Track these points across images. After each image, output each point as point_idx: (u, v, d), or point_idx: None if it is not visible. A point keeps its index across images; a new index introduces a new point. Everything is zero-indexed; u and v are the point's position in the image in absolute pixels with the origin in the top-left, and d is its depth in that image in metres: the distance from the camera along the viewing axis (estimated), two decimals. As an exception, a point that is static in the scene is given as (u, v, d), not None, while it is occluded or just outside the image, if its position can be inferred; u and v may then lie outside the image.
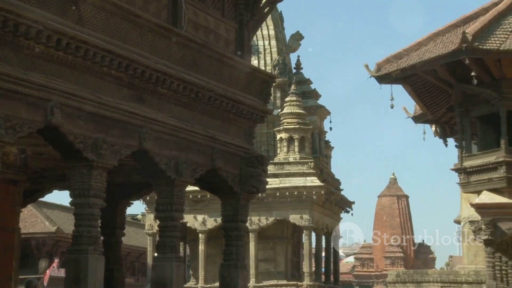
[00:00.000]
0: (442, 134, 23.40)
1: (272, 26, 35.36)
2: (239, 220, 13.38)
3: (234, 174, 13.08)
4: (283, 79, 34.06)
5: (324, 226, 32.70)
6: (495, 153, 18.03)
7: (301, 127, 31.95)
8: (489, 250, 18.25)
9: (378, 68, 19.22)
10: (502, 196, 18.05)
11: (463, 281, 28.43)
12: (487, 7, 18.95)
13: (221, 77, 12.61)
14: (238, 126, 13.24)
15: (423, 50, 18.66)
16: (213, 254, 30.69)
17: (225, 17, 13.35)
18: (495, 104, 18.05)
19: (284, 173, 31.38)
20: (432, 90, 20.25)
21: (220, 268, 13.45)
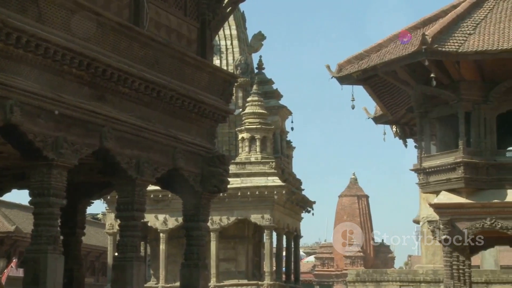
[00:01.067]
0: (402, 134, 23.63)
1: (234, 26, 35.39)
2: (200, 219, 13.38)
3: (195, 174, 13.08)
4: (245, 79, 34.10)
5: (285, 226, 32.81)
6: (453, 154, 18.25)
7: (263, 127, 32.03)
8: (447, 250, 18.47)
9: (339, 69, 19.34)
10: (460, 197, 18.27)
11: (421, 280, 28.80)
12: (446, 9, 19.18)
13: (183, 76, 12.60)
14: (200, 125, 13.24)
15: (384, 51, 18.83)
16: (174, 254, 30.61)
17: (187, 16, 13.34)
18: (454, 105, 18.28)
19: (245, 172, 31.43)
20: (392, 91, 20.44)
21: (181, 267, 13.44)
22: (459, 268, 18.57)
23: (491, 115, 18.27)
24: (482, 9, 18.60)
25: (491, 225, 17.93)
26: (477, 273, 27.53)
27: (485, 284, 27.88)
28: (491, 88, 18.21)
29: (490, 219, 17.92)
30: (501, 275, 28.51)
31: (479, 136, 18.20)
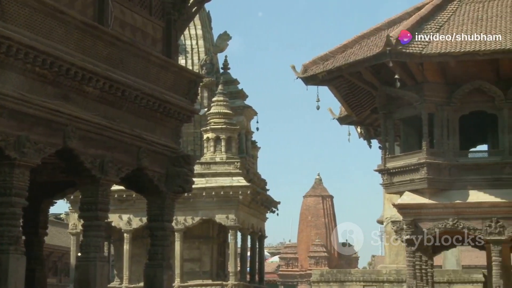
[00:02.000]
0: (366, 135, 23.77)
1: (199, 26, 35.33)
2: (165, 219, 13.34)
3: (160, 174, 13.03)
4: (211, 79, 34.06)
5: (249, 226, 32.84)
6: (417, 155, 18.40)
7: (228, 127, 32.02)
8: (410, 250, 18.62)
9: (305, 70, 19.39)
10: (423, 197, 18.43)
11: (384, 280, 28.99)
12: (410, 11, 19.33)
13: (148, 76, 12.55)
14: (165, 125, 13.20)
15: (349, 52, 18.92)
16: (138, 254, 30.46)
17: (152, 15, 13.29)
18: (417, 106, 18.43)
19: (210, 172, 31.39)
20: (357, 92, 20.55)
21: (145, 267, 13.38)
22: (422, 268, 18.73)
23: (454, 116, 18.46)
24: (445, 12, 18.79)
25: (453, 226, 18.11)
26: (439, 273, 27.79)
27: (447, 283, 28.15)
28: (454, 90, 18.40)
29: (453, 219, 18.11)
30: (462, 275, 28.81)
31: (442, 137, 18.38)
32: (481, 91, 18.31)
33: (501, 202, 17.86)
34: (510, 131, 18.10)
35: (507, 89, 18.05)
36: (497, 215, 17.86)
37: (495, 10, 18.56)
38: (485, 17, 18.34)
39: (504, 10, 18.50)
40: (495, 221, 17.81)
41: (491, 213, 17.94)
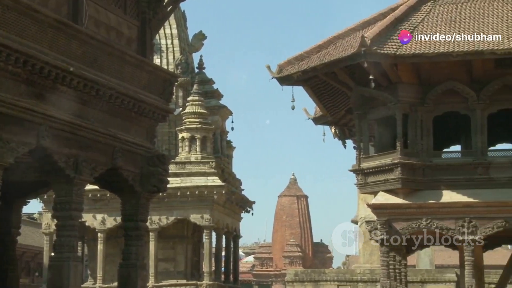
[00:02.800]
0: (341, 135, 23.82)
1: (175, 25, 35.26)
2: (139, 219, 13.31)
3: (135, 173, 12.99)
4: (186, 78, 34.02)
5: (224, 226, 32.85)
6: (391, 155, 18.47)
7: (203, 126, 32.01)
8: (383, 250, 18.69)
9: (280, 70, 19.39)
10: (397, 197, 18.50)
11: (358, 280, 29.14)
12: (385, 12, 19.39)
13: (122, 75, 12.50)
14: (140, 125, 13.16)
15: (324, 52, 18.95)
16: (112, 254, 30.34)
17: (127, 15, 13.24)
18: (392, 107, 18.50)
19: (185, 172, 31.36)
20: (332, 92, 20.59)
21: (119, 267, 13.34)
22: (396, 267, 18.81)
23: (427, 117, 18.56)
24: (419, 13, 18.88)
25: (427, 225, 18.21)
26: (413, 272, 27.98)
27: (421, 283, 28.36)
28: (428, 91, 18.49)
29: (426, 219, 18.20)
30: (435, 274, 29.04)
31: (416, 138, 18.47)
32: (454, 92, 18.43)
33: (474, 202, 17.99)
34: (482, 132, 18.24)
35: (479, 90, 18.18)
36: (470, 215, 17.99)
37: (468, 12, 18.69)
38: (458, 18, 18.46)
39: (477, 12, 18.63)
40: (468, 221, 17.94)
41: (464, 213, 18.06)
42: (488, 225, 17.89)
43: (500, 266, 28.15)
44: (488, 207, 17.95)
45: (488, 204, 17.92)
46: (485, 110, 18.32)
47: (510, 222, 17.82)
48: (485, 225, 17.91)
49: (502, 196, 17.88)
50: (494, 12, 18.43)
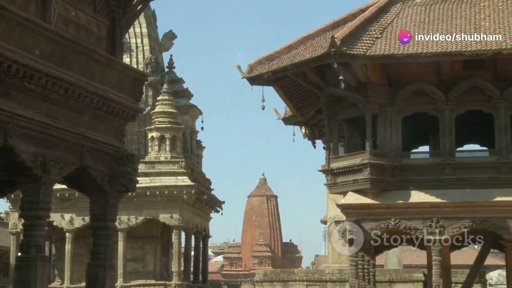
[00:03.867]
0: (311, 136, 23.88)
1: (145, 24, 35.11)
2: (108, 219, 13.23)
3: (103, 173, 12.92)
4: (156, 78, 33.91)
5: (194, 226, 32.79)
6: (360, 155, 18.56)
7: (173, 126, 31.94)
8: (352, 250, 18.79)
9: (250, 70, 19.40)
10: (366, 197, 18.60)
11: (327, 280, 29.22)
12: (355, 13, 19.47)
13: (92, 74, 12.42)
14: (109, 124, 13.08)
15: (294, 53, 18.98)
16: (80, 254, 30.15)
17: (97, 13, 13.15)
18: (361, 107, 18.59)
19: (155, 172, 31.26)
20: (302, 92, 20.63)
21: (87, 267, 13.24)
22: (364, 267, 18.91)
23: (396, 117, 18.68)
24: (389, 14, 18.99)
25: (395, 225, 18.33)
26: (381, 272, 28.13)
27: (389, 283, 28.51)
28: (397, 91, 18.61)
29: (394, 219, 18.32)
30: (403, 274, 29.22)
31: (385, 138, 18.58)
32: (423, 93, 18.57)
33: (442, 203, 18.14)
34: (450, 132, 18.40)
35: (448, 91, 18.34)
36: (438, 215, 18.14)
37: (437, 14, 18.84)
38: (427, 20, 18.60)
39: (446, 13, 18.79)
40: (436, 221, 18.09)
41: (431, 213, 18.21)
42: (455, 225, 18.05)
43: (467, 266, 28.43)
44: (456, 208, 18.12)
45: (455, 204, 18.09)
46: (453, 111, 18.49)
47: (476, 222, 18.00)
48: (453, 225, 18.07)
49: (469, 197, 18.06)
50: (462, 14, 18.60)
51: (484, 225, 18.00)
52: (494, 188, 18.05)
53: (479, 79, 18.27)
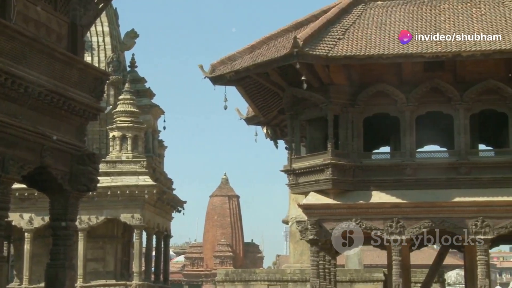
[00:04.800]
0: (273, 136, 23.92)
1: (106, 23, 34.87)
2: (68, 219, 13.11)
3: (64, 172, 12.80)
4: (117, 77, 33.71)
5: (155, 226, 32.67)
6: (322, 156, 18.63)
7: (135, 125, 31.79)
8: (314, 250, 18.85)
9: (212, 69, 19.36)
10: (328, 197, 18.67)
11: (289, 280, 29.29)
12: (317, 14, 19.54)
13: (52, 72, 12.29)
14: (70, 123, 12.96)
15: (256, 53, 18.99)
16: (39, 254, 29.84)
17: (57, 11, 13.01)
18: (323, 108, 18.66)
19: (116, 171, 31.08)
20: (264, 92, 20.66)
21: (46, 268, 13.10)
22: (325, 267, 19.00)
23: (358, 118, 18.79)
24: (351, 15, 19.10)
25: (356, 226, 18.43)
26: (342, 272, 28.27)
27: (349, 282, 28.67)
28: (359, 92, 18.72)
29: (356, 219, 18.43)
30: (364, 274, 29.40)
31: (347, 139, 18.67)
32: (384, 94, 18.71)
33: (402, 203, 18.29)
34: (411, 133, 18.56)
35: (409, 93, 18.50)
36: (398, 215, 18.28)
37: (398, 15, 19.00)
38: (388, 21, 18.75)
39: (407, 15, 18.95)
40: (396, 221, 18.23)
41: (392, 213, 18.35)
42: (415, 225, 18.21)
43: (426, 265, 28.72)
44: (416, 208, 18.28)
45: (415, 204, 18.26)
46: (414, 112, 18.66)
47: (436, 223, 18.19)
48: (413, 225, 18.23)
49: (429, 197, 18.25)
50: (423, 16, 18.79)
51: (443, 225, 18.19)
52: (453, 189, 18.26)
53: (439, 81, 18.46)
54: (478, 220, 17.94)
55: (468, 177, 18.27)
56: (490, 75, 18.30)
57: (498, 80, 18.25)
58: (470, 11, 18.68)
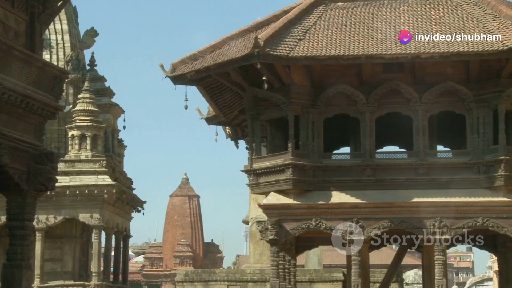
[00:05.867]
0: (233, 136, 23.90)
1: (65, 21, 34.53)
2: (25, 218, 12.95)
3: (21, 171, 12.64)
4: (76, 75, 33.39)
5: (114, 225, 32.45)
6: (282, 156, 18.66)
7: (94, 125, 31.53)
8: (274, 250, 18.87)
9: (173, 69, 19.28)
10: (288, 198, 18.71)
11: (248, 280, 29.29)
12: (278, 14, 19.59)
13: (10, 70, 12.13)
14: (28, 121, 12.81)
15: (217, 53, 18.96)
16: (-4, 254, 29.41)
17: (15, 8, 12.84)
18: (284, 108, 18.70)
19: (75, 171, 30.81)
20: (225, 92, 20.63)
21: (2, 268, 12.93)
22: (285, 267, 19.03)
23: (318, 119, 18.86)
24: (312, 16, 19.16)
25: (316, 226, 18.50)
26: (302, 272, 28.35)
27: (309, 282, 28.77)
28: (319, 93, 18.79)
29: (315, 219, 18.49)
30: (323, 274, 29.53)
31: (307, 139, 18.73)
32: (344, 94, 18.81)
33: (361, 203, 18.40)
34: (371, 134, 18.68)
35: (369, 94, 18.62)
36: (357, 216, 18.39)
37: (359, 17, 19.11)
38: (349, 22, 18.85)
39: (367, 16, 19.07)
40: (355, 222, 18.34)
41: (351, 214, 18.45)
42: (374, 225, 18.34)
43: (385, 265, 28.95)
44: (375, 208, 18.42)
45: (374, 205, 18.39)
46: (373, 113, 18.78)
47: (395, 223, 18.33)
48: (372, 225, 18.35)
49: (388, 197, 18.39)
50: (383, 18, 18.92)
51: (402, 225, 18.35)
52: (412, 189, 18.43)
53: (398, 82, 18.61)
54: (436, 221, 18.13)
55: (427, 178, 18.45)
56: (449, 77, 18.51)
57: (457, 82, 18.47)
58: (429, 13, 18.87)
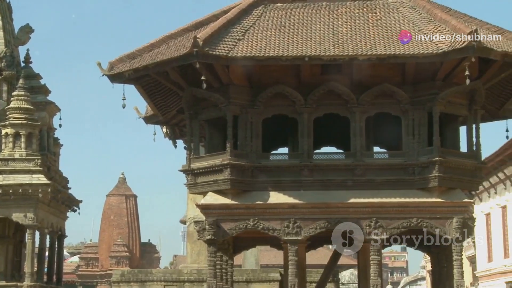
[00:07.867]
0: (172, 135, 23.76)
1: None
2: (-43, 218, 12.65)
3: (-48, 170, 12.34)
4: (11, 72, 32.89)
5: (49, 225, 32.04)
6: (221, 156, 18.63)
7: (29, 123, 31.09)
8: (211, 250, 18.81)
9: (111, 67, 19.04)
10: (226, 198, 18.69)
11: (185, 280, 29.26)
12: (217, 14, 19.53)
13: None
14: (-41, 119, 12.51)
15: (156, 51, 18.82)
16: None
17: None
18: (223, 108, 18.68)
19: (8, 169, 30.35)
20: (164, 92, 20.50)
21: None
22: (222, 267, 19.03)
23: (257, 119, 18.88)
24: (251, 16, 19.17)
25: (254, 226, 18.51)
26: (239, 272, 28.43)
27: (246, 282, 28.89)
28: (258, 93, 18.81)
29: (253, 220, 18.50)
30: (260, 274, 29.67)
31: (246, 139, 18.73)
32: (283, 95, 18.86)
33: (299, 204, 18.49)
34: (309, 135, 18.78)
35: (307, 94, 18.72)
36: (295, 216, 18.47)
37: (297, 18, 19.19)
38: (287, 23, 18.91)
39: (305, 18, 19.17)
40: (293, 222, 18.40)
41: (289, 214, 18.52)
42: (311, 226, 18.44)
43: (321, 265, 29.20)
44: (312, 208, 18.52)
45: (311, 205, 18.50)
46: (311, 113, 18.89)
47: (332, 223, 18.47)
48: (309, 225, 18.46)
49: (325, 198, 18.52)
50: (321, 19, 19.05)
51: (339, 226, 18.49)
52: (349, 190, 18.60)
53: (336, 83, 18.76)
54: (372, 221, 18.34)
55: (363, 179, 18.64)
56: (385, 79, 18.74)
57: (393, 84, 18.71)
58: (367, 16, 19.07)
